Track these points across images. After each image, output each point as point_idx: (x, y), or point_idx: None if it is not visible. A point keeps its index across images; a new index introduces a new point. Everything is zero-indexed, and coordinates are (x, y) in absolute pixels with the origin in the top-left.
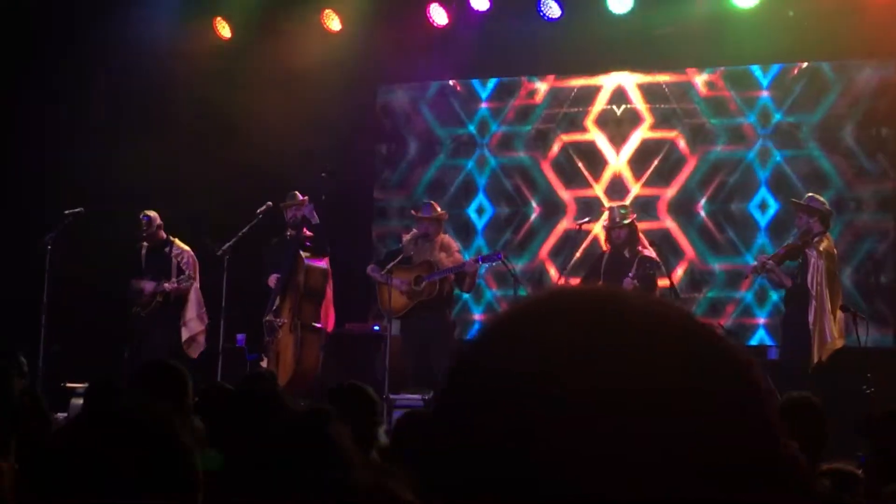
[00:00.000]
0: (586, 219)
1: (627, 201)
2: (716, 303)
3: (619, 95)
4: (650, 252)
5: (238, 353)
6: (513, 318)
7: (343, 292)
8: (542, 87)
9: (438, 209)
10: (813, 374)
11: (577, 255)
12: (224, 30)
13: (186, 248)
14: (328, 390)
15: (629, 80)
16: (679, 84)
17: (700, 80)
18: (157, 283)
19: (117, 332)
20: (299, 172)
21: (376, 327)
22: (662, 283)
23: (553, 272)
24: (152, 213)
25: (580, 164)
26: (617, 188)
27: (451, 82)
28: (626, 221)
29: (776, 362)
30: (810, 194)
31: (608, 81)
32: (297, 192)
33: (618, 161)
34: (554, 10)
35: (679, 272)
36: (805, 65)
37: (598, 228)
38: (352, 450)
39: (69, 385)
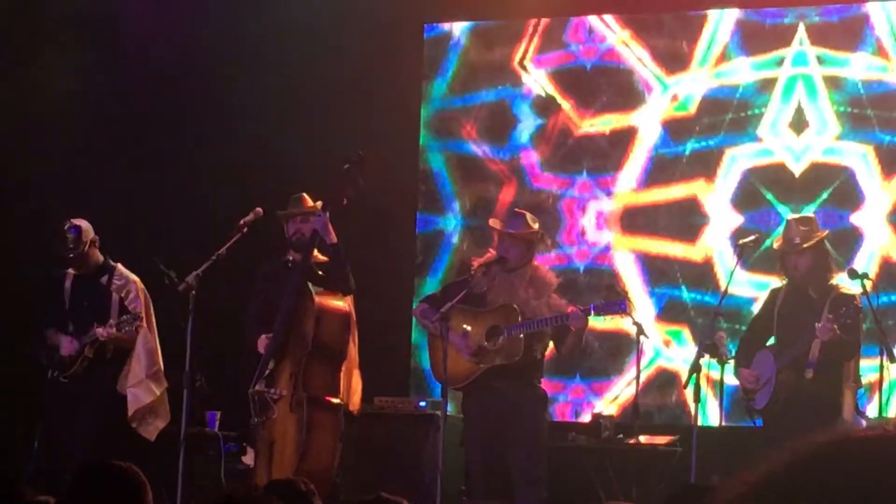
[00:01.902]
0: (751, 237)
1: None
2: None
3: (795, 87)
4: (848, 287)
5: (209, 440)
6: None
7: (373, 350)
8: (690, 87)
9: (534, 224)
10: None
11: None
12: None
13: (134, 277)
14: None
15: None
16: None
17: None
18: (88, 329)
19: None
20: (307, 163)
21: (423, 403)
22: None
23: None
24: (83, 224)
25: (768, 195)
26: None
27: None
28: (810, 244)
29: None
30: None
31: (789, 64)
32: (304, 195)
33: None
34: None
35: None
36: None
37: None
38: None
39: None
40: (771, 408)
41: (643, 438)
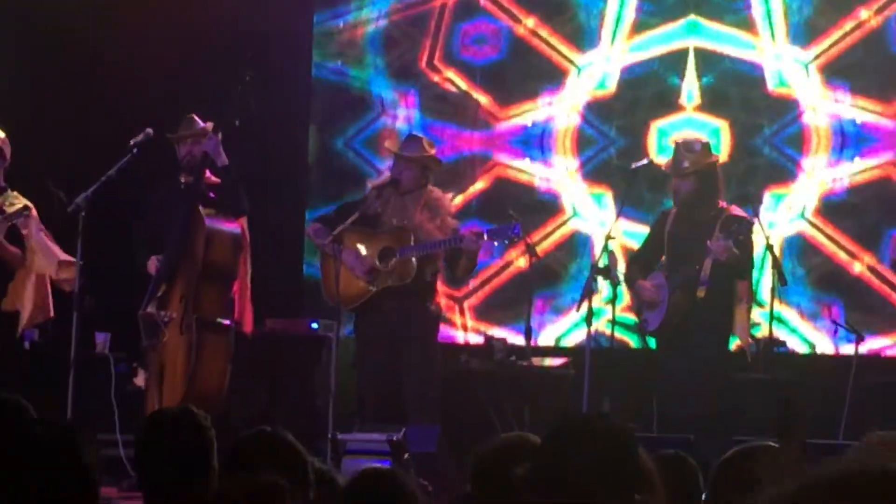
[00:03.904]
0: (643, 161)
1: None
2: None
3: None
4: (739, 210)
5: (99, 362)
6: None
7: (265, 272)
8: (605, 65)
9: (430, 148)
10: None
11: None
12: None
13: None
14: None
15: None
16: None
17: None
18: None
19: None
20: (197, 84)
21: (315, 324)
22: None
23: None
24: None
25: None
26: None
27: None
28: (694, 168)
29: None
30: None
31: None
32: (194, 117)
33: None
34: None
35: None
36: None
37: None
38: None
39: None
40: (663, 329)
41: (536, 361)
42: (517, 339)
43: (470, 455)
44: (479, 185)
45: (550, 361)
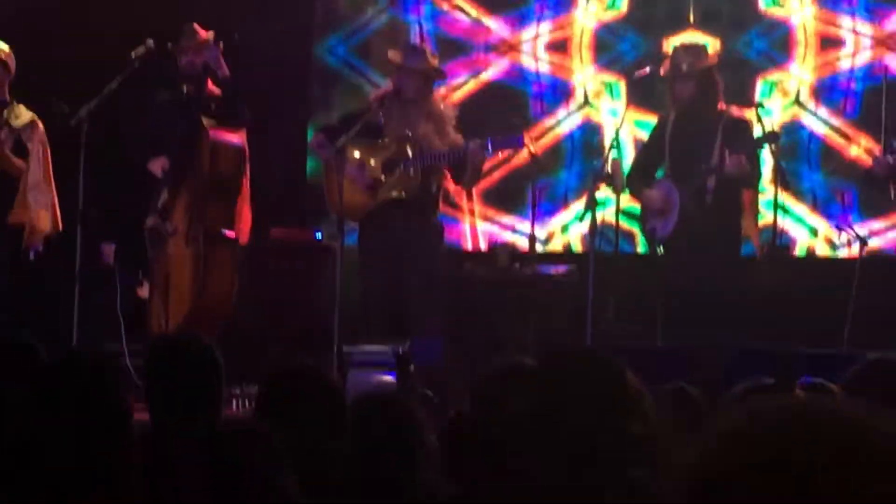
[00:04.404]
0: (646, 70)
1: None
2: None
3: None
4: (739, 111)
5: (104, 274)
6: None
7: (268, 183)
8: None
9: (433, 59)
10: None
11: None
12: None
13: (31, 114)
14: (268, 377)
15: None
16: None
17: None
18: None
19: None
20: None
21: (319, 234)
22: None
23: None
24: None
25: None
26: None
27: None
28: (694, 70)
29: None
30: None
31: None
32: (195, 26)
33: None
34: None
35: None
36: None
37: None
38: None
39: None
40: (675, 235)
41: (540, 268)
42: (523, 226)
43: (473, 378)
44: (491, 72)
45: (554, 268)
